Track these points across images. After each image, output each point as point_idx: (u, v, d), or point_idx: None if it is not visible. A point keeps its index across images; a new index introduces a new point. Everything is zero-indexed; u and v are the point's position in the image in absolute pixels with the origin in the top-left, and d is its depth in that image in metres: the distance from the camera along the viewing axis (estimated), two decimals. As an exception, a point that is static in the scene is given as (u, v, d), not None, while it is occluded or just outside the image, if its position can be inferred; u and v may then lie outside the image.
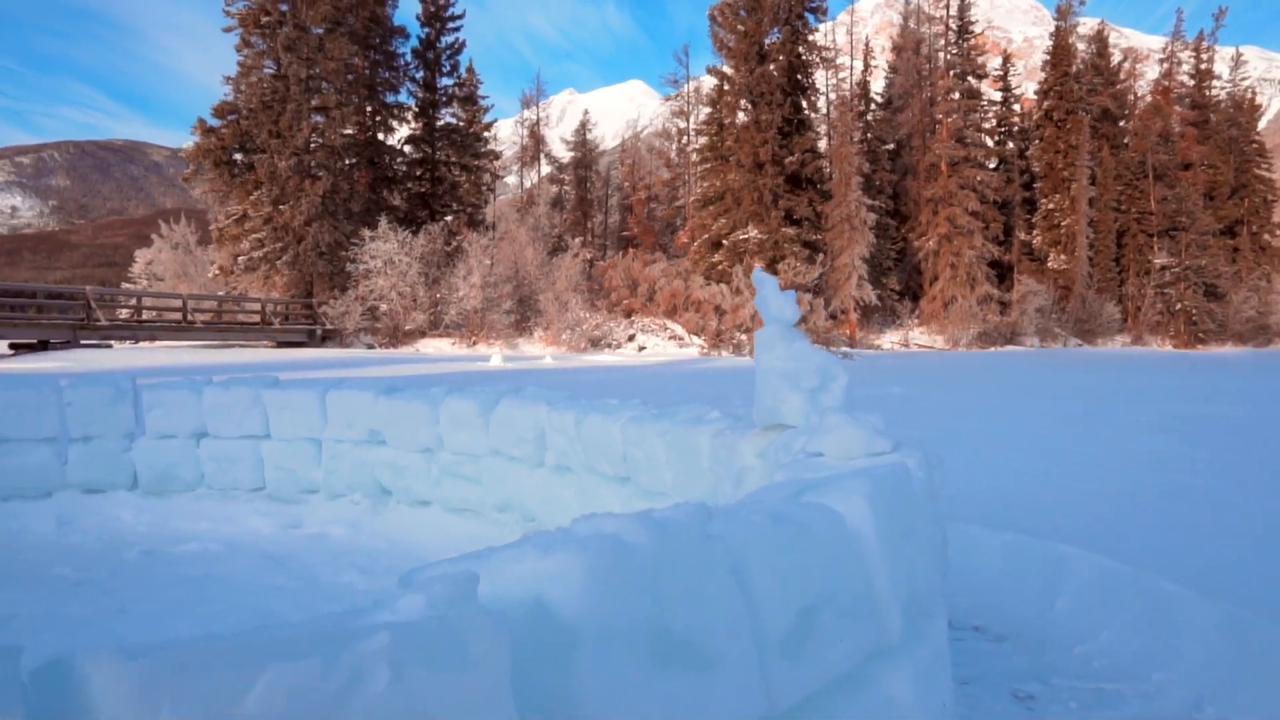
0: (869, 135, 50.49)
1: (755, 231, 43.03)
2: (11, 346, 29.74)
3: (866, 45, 56.36)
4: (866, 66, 55.41)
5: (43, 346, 29.64)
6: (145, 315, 38.31)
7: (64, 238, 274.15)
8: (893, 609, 1.87)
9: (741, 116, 45.05)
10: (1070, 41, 56.90)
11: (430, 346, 41.06)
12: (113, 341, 32.32)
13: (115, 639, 3.69)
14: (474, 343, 41.50)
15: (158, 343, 34.75)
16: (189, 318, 35.73)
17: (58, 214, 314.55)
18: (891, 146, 52.01)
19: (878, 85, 56.63)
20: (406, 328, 41.80)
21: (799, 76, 44.81)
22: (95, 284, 59.80)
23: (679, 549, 1.35)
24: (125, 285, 53.14)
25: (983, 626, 4.08)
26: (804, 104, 45.68)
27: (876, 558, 1.86)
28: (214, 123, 44.22)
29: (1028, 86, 65.14)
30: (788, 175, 43.68)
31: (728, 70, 45.57)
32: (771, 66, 43.54)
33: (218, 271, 46.70)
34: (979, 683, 3.34)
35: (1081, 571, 4.10)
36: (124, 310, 39.31)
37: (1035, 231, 54.90)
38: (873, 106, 54.13)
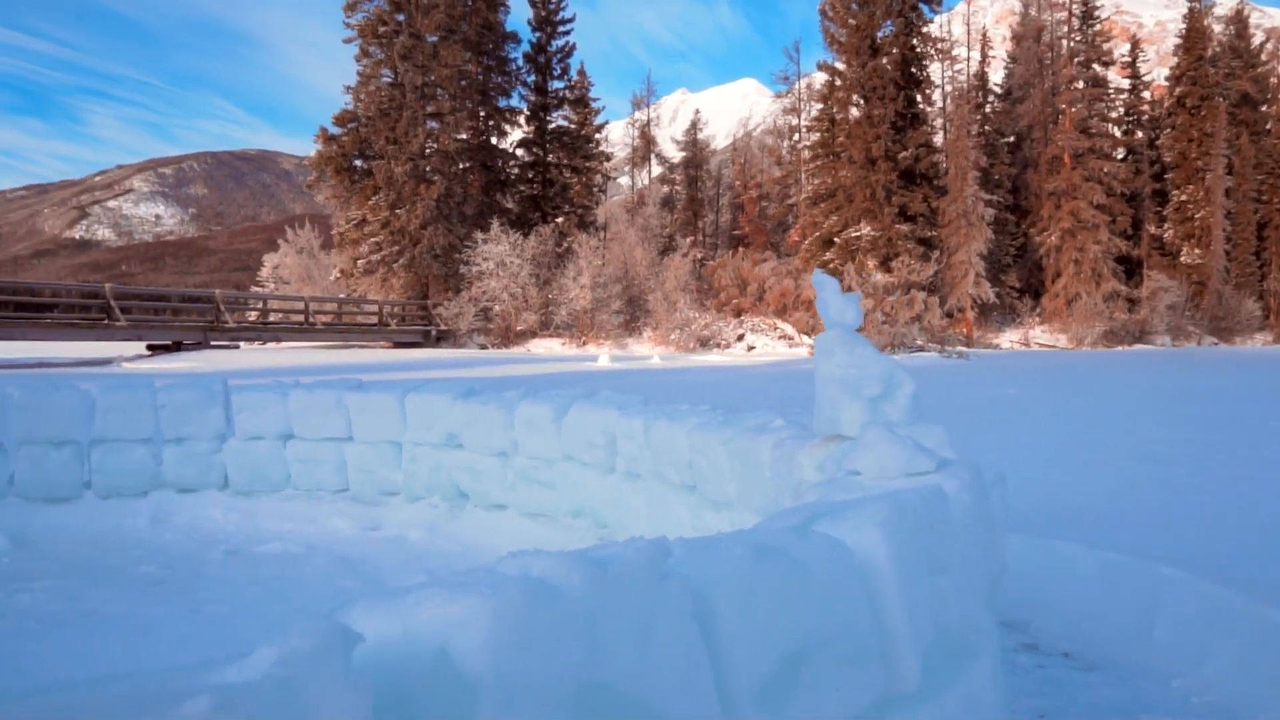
0: (986, 128, 48.86)
1: (868, 229, 42.14)
2: (149, 347, 31.31)
3: (984, 35, 54.56)
4: (984, 57, 53.62)
5: (176, 347, 31.11)
6: (271, 317, 39.96)
7: (202, 243, 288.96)
8: (908, 652, 1.67)
9: (854, 112, 44.18)
10: (1205, 24, 53.87)
11: (541, 347, 41.59)
12: (240, 342, 33.72)
13: (181, 641, 3.75)
14: (583, 343, 41.84)
15: (281, 344, 36.16)
16: (310, 319, 37.05)
17: (197, 221, 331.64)
18: (1011, 139, 50.20)
19: (996, 76, 54.72)
20: (518, 328, 42.46)
21: (913, 70, 43.69)
22: (230, 287, 62.73)
23: (623, 592, 1.21)
24: (254, 289, 55.49)
25: (1072, 653, 3.79)
26: (918, 98, 44.52)
27: (890, 594, 1.67)
28: (335, 131, 45.78)
29: (1159, 73, 62.03)
30: (901, 171, 42.64)
31: (839, 65, 44.78)
32: (884, 60, 42.57)
33: (339, 274, 48.30)
34: (1059, 716, 3.08)
35: (1185, 597, 3.76)
36: (252, 313, 41.05)
37: (1167, 225, 52.17)
38: (991, 98, 52.34)
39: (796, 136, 54.29)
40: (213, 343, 31.99)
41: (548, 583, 1.14)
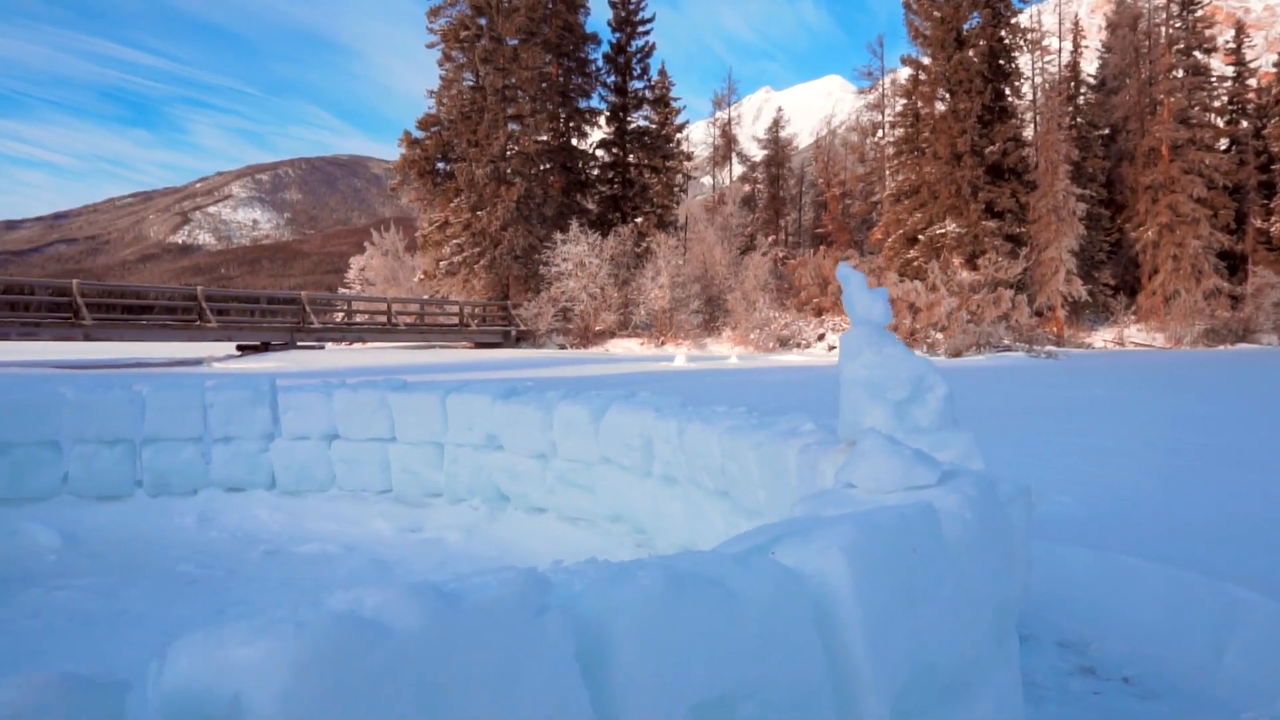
0: (1079, 120, 47.20)
1: (953, 225, 41.11)
2: (238, 348, 32.19)
3: (1076, 24, 52.72)
4: (1076, 47, 51.81)
5: (264, 348, 31.91)
6: (357, 318, 40.79)
7: (297, 247, 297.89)
8: (873, 695, 1.44)
9: (939, 107, 43.16)
10: (1318, 6, 51.15)
11: (619, 347, 41.60)
12: (325, 343, 34.47)
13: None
14: (662, 343, 41.75)
15: (365, 344, 36.87)
16: (392, 320, 37.68)
17: (291, 225, 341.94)
18: (1105, 131, 48.39)
19: (1090, 67, 52.84)
20: (596, 328, 42.55)
21: (1000, 62, 42.46)
22: (322, 289, 64.31)
23: (483, 631, 1.04)
24: (341, 290, 56.72)
25: (1133, 679, 3.48)
26: (1006, 91, 43.26)
27: (852, 629, 1.45)
28: (418, 135, 46.54)
29: (1267, 59, 59.19)
30: (988, 166, 41.49)
31: (924, 59, 43.80)
32: (970, 52, 41.47)
33: (422, 276, 49.09)
34: (1111, 751, 2.81)
35: (1258, 621, 3.42)
36: (337, 314, 41.97)
37: (1274, 219, 49.68)
38: (1084, 89, 50.56)
39: (880, 133, 53.31)
40: (299, 343, 32.75)
41: (373, 622, 0.98)
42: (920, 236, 42.69)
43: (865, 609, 1.47)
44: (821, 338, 39.19)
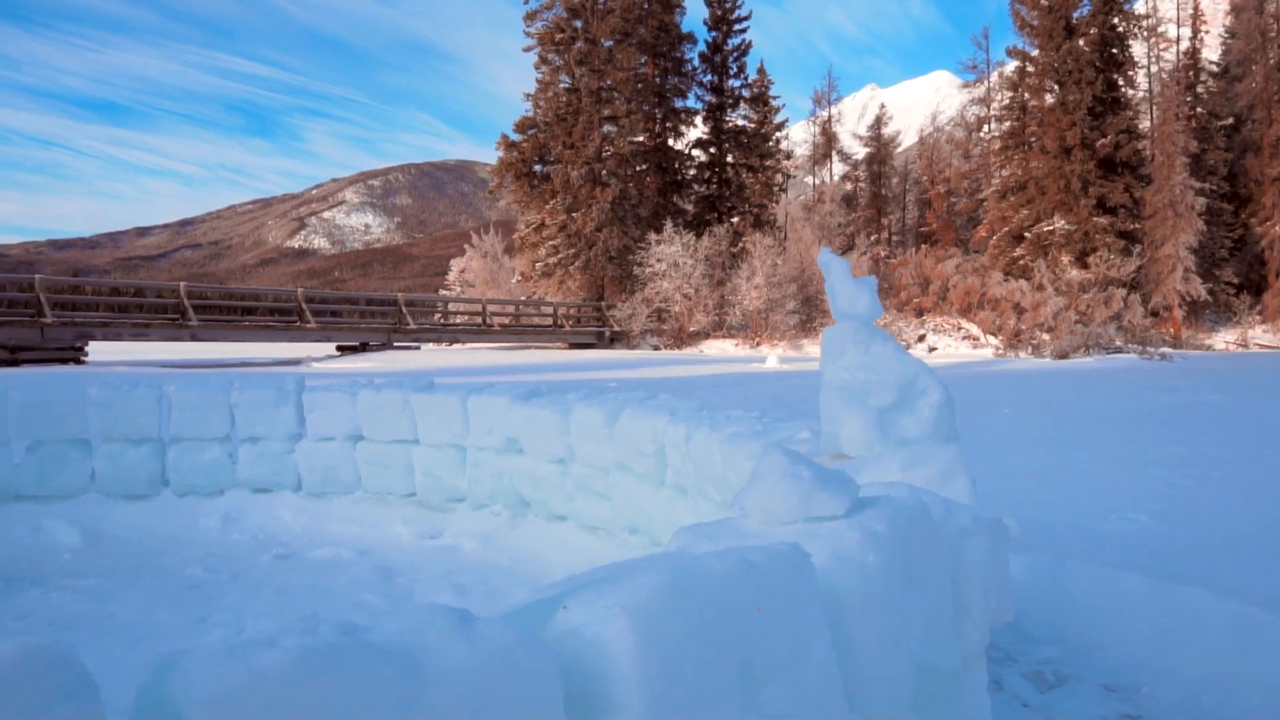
0: (1199, 110, 44.68)
1: (1061, 222, 39.39)
2: (338, 348, 32.94)
3: (1196, 9, 49.91)
4: (1196, 33, 49.06)
5: (363, 348, 32.56)
6: (458, 320, 41.38)
7: (406, 250, 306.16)
8: None
9: (1047, 99, 41.45)
10: None
11: (714, 348, 41.21)
12: (421, 343, 35.01)
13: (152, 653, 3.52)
14: (757, 344, 41.21)
15: (463, 345, 37.33)
16: (487, 321, 38.05)
17: (402, 229, 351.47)
18: (1228, 122, 45.68)
19: (1212, 54, 49.99)
20: (691, 329, 42.22)
21: (1113, 50, 40.47)
22: (430, 291, 65.63)
23: None
24: (442, 292, 57.72)
25: (1185, 731, 2.99)
26: (1119, 81, 41.22)
27: (633, 714, 1.10)
28: (515, 138, 46.97)
29: None
30: (1099, 159, 39.60)
31: (1031, 50, 42.13)
32: (1081, 41, 39.66)
33: (519, 278, 49.56)
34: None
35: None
36: (436, 314, 42.65)
37: None
38: (1204, 78, 47.86)
39: (985, 128, 51.58)
40: (396, 344, 33.31)
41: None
42: (1027, 234, 41.06)
43: (654, 694, 1.10)
44: (922, 338, 38.07)
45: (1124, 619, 3.69)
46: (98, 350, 28.65)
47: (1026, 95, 42.87)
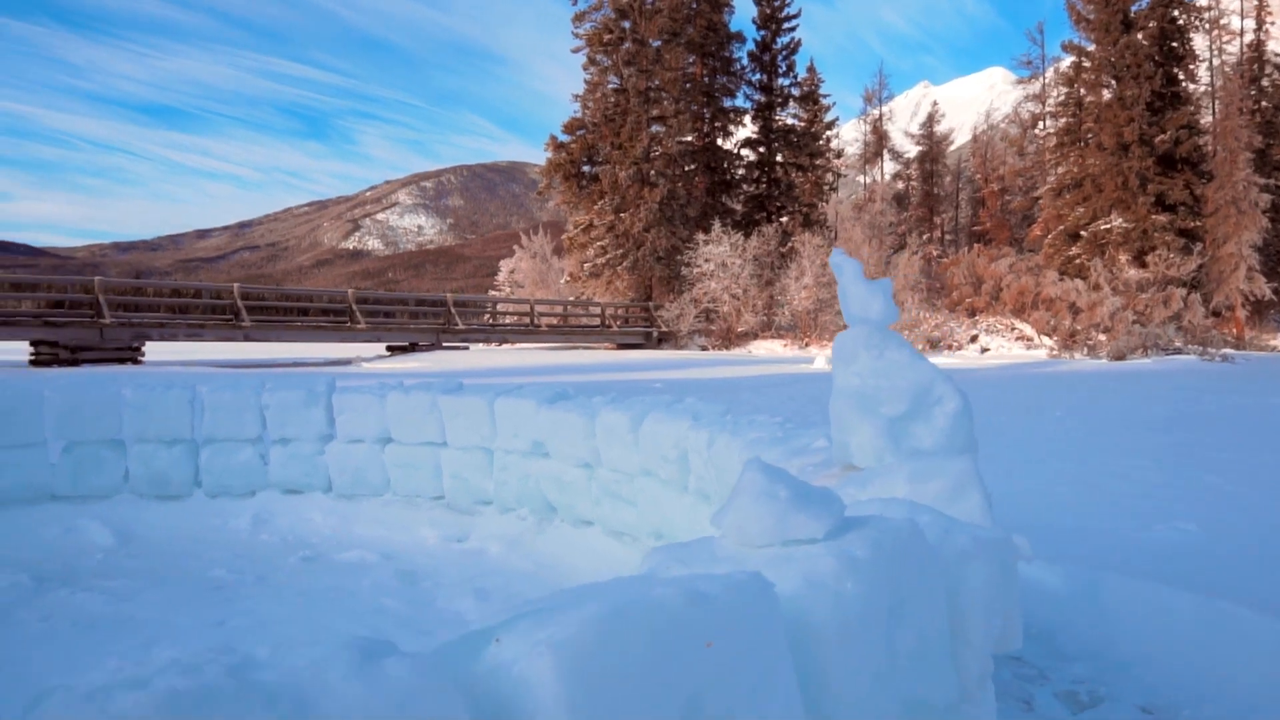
0: (1264, 104, 43.39)
1: (1119, 220, 38.48)
2: (388, 348, 33.27)
3: (1260, 0, 48.46)
4: (1260, 25, 47.63)
5: (412, 348, 32.84)
6: (508, 320, 41.58)
7: (459, 251, 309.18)
8: None
9: (1105, 94, 40.53)
10: None
11: (762, 348, 40.96)
12: (470, 344, 35.23)
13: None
14: (806, 344, 40.87)
15: (513, 345, 37.50)
16: (535, 321, 38.17)
17: (454, 230, 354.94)
18: (1298, 114, 44.35)
19: (1278, 46, 48.51)
20: (739, 329, 42.00)
21: (1173, 44, 39.43)
22: (481, 291, 66.08)
23: None
24: (491, 293, 58.09)
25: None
26: (1179, 75, 40.15)
27: None
28: (564, 138, 47.07)
29: None
30: (1158, 156, 38.60)
31: (1087, 45, 41.23)
32: (1139, 35, 38.70)
33: (568, 278, 49.68)
34: None
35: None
36: (485, 314, 42.90)
37: None
38: (1269, 71, 46.46)
39: (1040, 124, 50.63)
40: (445, 344, 33.55)
41: None
42: (1083, 232, 40.20)
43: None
44: (974, 339, 37.48)
45: (1164, 636, 3.52)
46: (154, 350, 29.24)
47: (1083, 91, 41.98)
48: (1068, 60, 43.92)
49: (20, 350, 25.56)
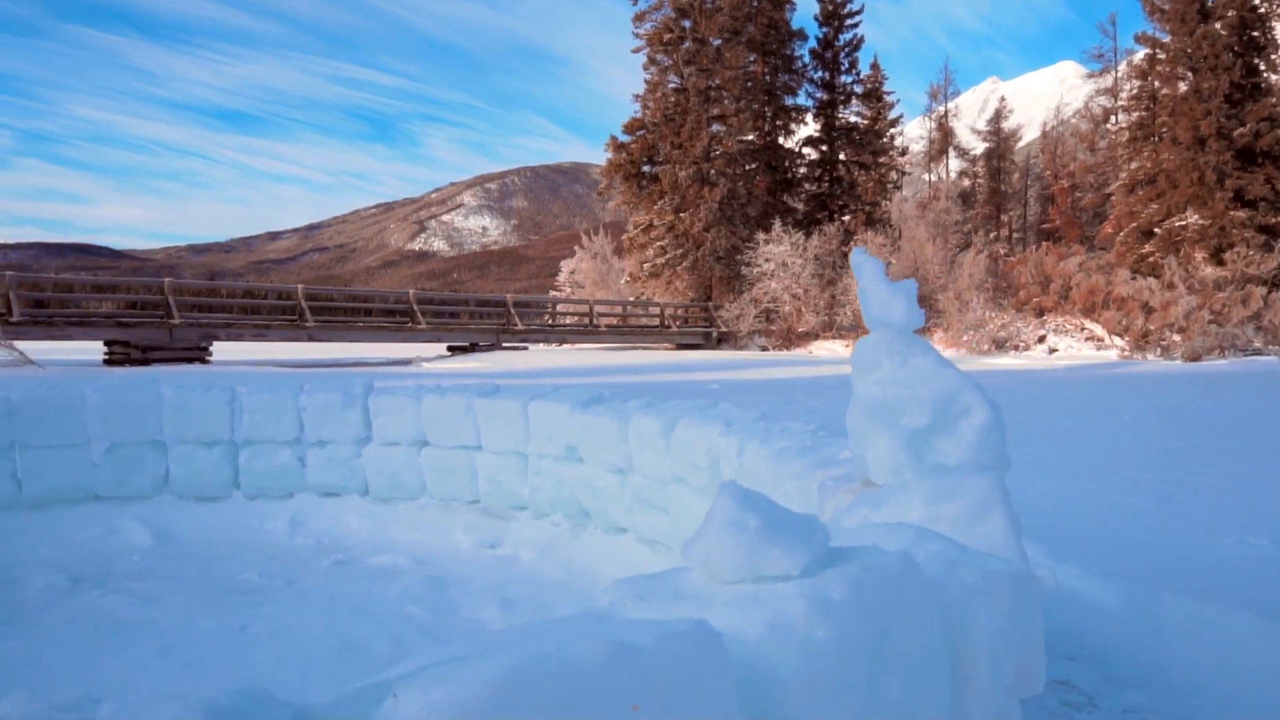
0: (1351, 94, 41.68)
1: (1195, 217, 37.22)
2: (449, 349, 33.56)
3: (1349, -16, 46.49)
4: (1350, 10, 45.77)
5: (472, 348, 33.08)
6: (569, 320, 41.70)
7: (522, 252, 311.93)
8: None
9: (1180, 87, 39.26)
10: None
11: (823, 349, 40.51)
12: (529, 344, 35.37)
13: (186, 666, 3.46)
14: (867, 345, 40.21)
15: (574, 345, 37.58)
16: (594, 322, 38.20)
17: (518, 231, 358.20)
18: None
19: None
20: (799, 330, 41.58)
21: (1253, 33, 37.98)
22: (544, 292, 66.49)
23: None
24: (552, 293, 58.33)
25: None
26: (1260, 65, 38.67)
27: None
28: (624, 139, 47.06)
29: None
30: (1237, 150, 37.23)
31: (1161, 36, 39.96)
32: (1217, 24, 37.37)
33: (628, 278, 49.65)
34: None
35: None
36: (546, 315, 43.07)
37: None
38: (1361, 56, 44.59)
39: (1113, 119, 49.27)
40: (504, 344, 33.73)
41: None
42: (1157, 229, 38.97)
43: None
44: (1042, 340, 36.58)
45: (1227, 663, 3.27)
46: (221, 350, 29.86)
47: (1157, 84, 40.73)
48: (1141, 52, 42.66)
49: (97, 350, 26.29)
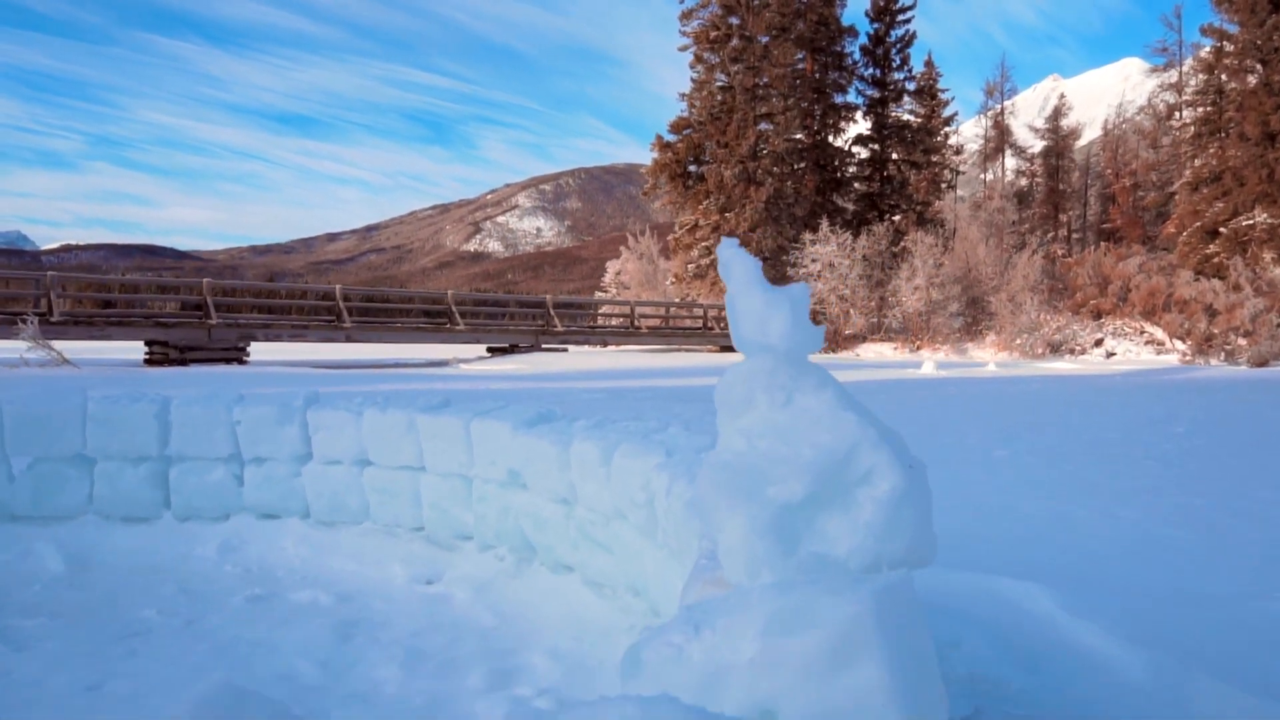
0: None
1: (1263, 215, 35.57)
2: (489, 350, 33.26)
3: None
4: None
5: (512, 349, 32.72)
6: (612, 322, 41.20)
7: (576, 253, 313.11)
8: None
9: (1249, 81, 37.58)
10: None
11: (870, 351, 39.55)
12: (569, 345, 34.93)
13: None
14: (917, 347, 39.27)
15: (617, 347, 37.05)
16: (635, 323, 37.65)
17: (571, 232, 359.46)
18: None
19: None
20: (846, 332, 40.65)
21: (1329, 22, 36.29)
22: (594, 293, 66.15)
23: None
24: (598, 294, 57.89)
25: None
26: (1336, 55, 36.92)
27: None
28: (670, 138, 46.46)
29: None
30: (1310, 145, 35.60)
31: (1229, 28, 38.31)
32: (1290, 14, 35.72)
33: (673, 279, 49.04)
34: None
35: None
36: (589, 316, 42.61)
37: None
38: None
39: (1177, 115, 47.47)
40: (544, 345, 33.33)
41: None
42: (1222, 229, 37.36)
43: None
44: (1099, 343, 35.22)
45: None
46: (259, 350, 29.82)
47: (1224, 78, 39.07)
48: (1207, 45, 41.00)
49: (138, 350, 26.37)
